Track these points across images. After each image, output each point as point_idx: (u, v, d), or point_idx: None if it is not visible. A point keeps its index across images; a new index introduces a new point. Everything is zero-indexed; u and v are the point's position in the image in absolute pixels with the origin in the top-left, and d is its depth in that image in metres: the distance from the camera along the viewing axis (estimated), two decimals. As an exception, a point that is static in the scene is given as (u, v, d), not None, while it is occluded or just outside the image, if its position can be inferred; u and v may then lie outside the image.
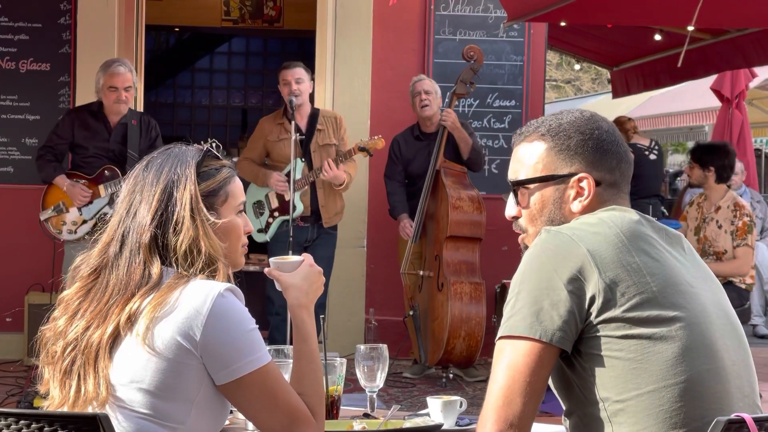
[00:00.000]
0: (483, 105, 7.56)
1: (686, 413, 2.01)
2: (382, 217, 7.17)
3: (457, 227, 6.44)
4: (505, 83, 7.57)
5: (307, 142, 6.42)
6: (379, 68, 7.58)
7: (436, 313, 6.53)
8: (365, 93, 7.54)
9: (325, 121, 6.56)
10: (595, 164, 2.18)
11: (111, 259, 2.18)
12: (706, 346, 2.06)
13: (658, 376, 2.01)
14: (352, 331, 7.29)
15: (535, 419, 2.07)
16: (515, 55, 7.58)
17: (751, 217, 6.44)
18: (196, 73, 12.69)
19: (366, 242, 7.57)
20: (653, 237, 2.13)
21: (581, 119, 2.21)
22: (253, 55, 12.66)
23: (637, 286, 2.03)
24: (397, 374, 6.80)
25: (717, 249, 6.48)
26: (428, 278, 6.65)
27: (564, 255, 2.05)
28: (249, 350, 2.12)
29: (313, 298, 2.34)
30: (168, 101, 12.56)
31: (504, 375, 2.04)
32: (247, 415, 2.19)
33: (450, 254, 6.47)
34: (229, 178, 2.26)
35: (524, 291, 2.05)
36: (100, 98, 6.20)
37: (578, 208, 2.18)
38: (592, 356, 2.04)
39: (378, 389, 2.72)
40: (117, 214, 2.22)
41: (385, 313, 7.41)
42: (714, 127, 11.99)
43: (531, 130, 2.24)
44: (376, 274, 7.53)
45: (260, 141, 6.60)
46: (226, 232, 2.22)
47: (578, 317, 2.03)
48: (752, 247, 6.40)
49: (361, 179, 7.42)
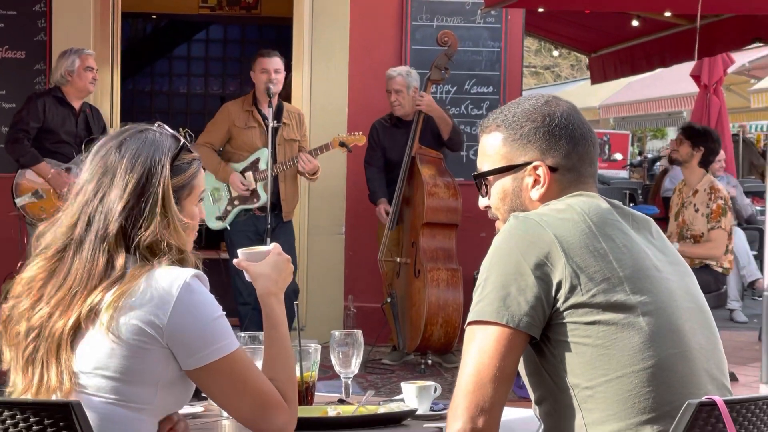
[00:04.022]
0: (460, 91, 7.56)
1: (655, 398, 2.02)
2: (361, 204, 7.17)
3: (433, 214, 6.45)
4: (483, 69, 7.58)
5: (274, 134, 6.41)
6: (356, 55, 7.57)
7: (413, 300, 6.54)
8: (343, 80, 7.53)
9: (289, 116, 6.56)
10: (548, 151, 2.19)
11: (76, 240, 2.15)
12: (673, 331, 2.07)
13: (625, 361, 2.02)
14: (331, 318, 7.29)
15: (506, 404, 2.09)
16: (493, 42, 7.58)
17: (726, 201, 6.49)
18: (174, 61, 12.64)
19: (344, 229, 7.57)
20: (621, 223, 2.15)
21: (534, 106, 2.22)
22: (231, 43, 12.63)
23: (604, 272, 2.04)
24: (376, 361, 6.81)
25: (694, 232, 6.53)
26: (405, 265, 6.66)
27: (531, 241, 2.06)
28: (216, 337, 2.12)
29: (283, 286, 2.35)
30: (145, 89, 12.52)
31: (474, 361, 2.05)
32: (218, 401, 2.19)
33: (426, 241, 6.48)
34: (197, 172, 2.25)
35: (492, 276, 2.06)
36: (63, 84, 6.33)
37: (537, 195, 2.19)
38: (561, 342, 2.05)
39: (353, 375, 2.73)
40: (84, 192, 2.17)
41: (364, 300, 7.41)
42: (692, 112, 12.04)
43: (490, 122, 2.25)
44: (355, 261, 7.54)
45: (224, 125, 6.53)
46: (185, 224, 2.21)
47: (545, 303, 2.04)
48: (726, 230, 6.44)
49: (339, 167, 7.43)
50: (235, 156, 6.51)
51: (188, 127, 7.11)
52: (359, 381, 6.21)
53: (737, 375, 6.42)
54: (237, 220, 6.49)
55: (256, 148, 6.44)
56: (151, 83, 12.57)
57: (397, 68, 6.85)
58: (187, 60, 12.65)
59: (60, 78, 6.36)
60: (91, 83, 6.44)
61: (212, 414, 2.50)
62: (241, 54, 12.43)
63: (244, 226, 6.43)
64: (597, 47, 10.56)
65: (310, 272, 7.47)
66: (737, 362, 6.90)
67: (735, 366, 6.65)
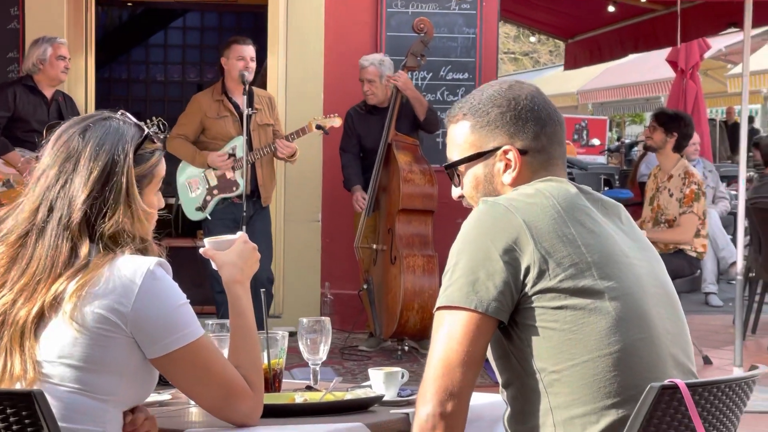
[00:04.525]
0: (436, 78, 7.56)
1: (620, 382, 2.03)
2: (337, 191, 7.16)
3: (409, 200, 6.45)
4: (458, 56, 7.57)
5: (247, 121, 6.39)
6: (331, 42, 7.55)
7: (389, 287, 6.55)
8: (318, 67, 7.53)
9: (260, 101, 6.54)
10: (517, 134, 2.19)
11: (38, 226, 2.13)
12: (640, 316, 2.08)
13: (592, 346, 2.03)
14: (307, 306, 7.29)
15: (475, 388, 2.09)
16: (468, 28, 7.58)
17: (699, 186, 6.51)
18: (151, 49, 12.56)
19: (321, 216, 7.57)
20: (590, 208, 2.15)
21: (499, 92, 2.22)
22: (208, 30, 12.57)
23: (572, 257, 2.05)
24: (353, 347, 6.82)
25: (668, 217, 6.56)
26: (382, 252, 6.66)
27: (500, 226, 2.06)
28: (180, 325, 2.12)
29: (249, 274, 2.36)
30: (122, 77, 12.45)
31: (443, 346, 2.05)
32: (183, 389, 2.19)
33: (402, 227, 6.48)
34: (158, 161, 2.24)
35: (461, 261, 2.07)
36: (34, 72, 6.32)
37: (509, 180, 2.19)
38: (528, 327, 2.05)
39: (321, 362, 2.73)
40: (45, 176, 2.16)
41: (341, 287, 7.42)
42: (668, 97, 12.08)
43: (456, 111, 2.25)
44: (332, 248, 7.54)
45: (197, 117, 6.51)
46: (147, 213, 2.21)
47: (514, 288, 2.04)
48: (698, 215, 6.47)
49: (315, 154, 7.42)
50: (210, 146, 6.49)
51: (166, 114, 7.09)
52: (336, 368, 6.22)
53: (711, 358, 6.46)
54: (215, 208, 6.47)
55: (231, 137, 6.42)
56: (128, 71, 12.49)
57: (369, 57, 6.82)
58: (164, 48, 12.58)
59: (32, 66, 6.35)
60: (63, 72, 6.43)
61: (180, 402, 2.50)
62: (218, 41, 12.35)
63: (222, 215, 6.42)
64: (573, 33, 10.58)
65: (286, 260, 7.46)
66: (712, 346, 6.94)
67: (710, 349, 6.70)
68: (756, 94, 16.06)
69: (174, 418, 2.39)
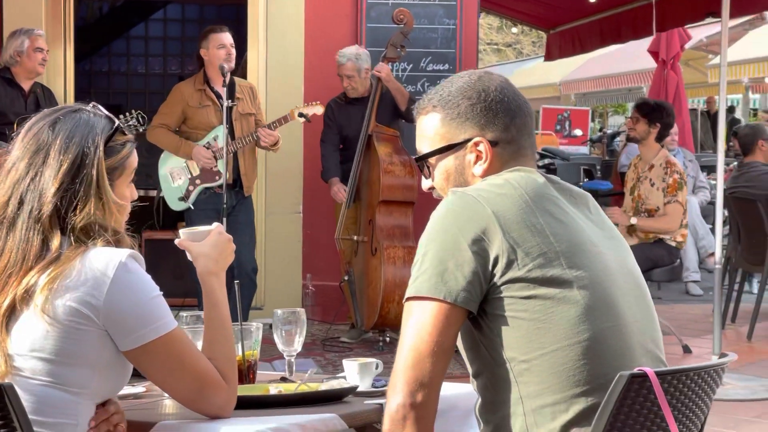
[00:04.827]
0: (416, 69, 7.56)
1: (589, 371, 2.04)
2: (318, 182, 7.16)
3: (389, 191, 6.45)
4: (438, 47, 7.58)
5: (229, 111, 6.38)
6: (311, 34, 7.55)
7: (370, 278, 6.56)
8: (298, 59, 7.52)
9: (242, 91, 6.53)
10: (487, 126, 2.19)
11: (8, 219, 2.13)
12: (608, 305, 2.09)
13: (561, 335, 2.04)
14: (289, 297, 7.29)
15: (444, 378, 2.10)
16: (448, 19, 7.58)
17: (681, 174, 6.54)
18: (132, 41, 12.52)
19: (302, 208, 7.57)
20: (558, 198, 2.16)
21: (468, 83, 2.22)
22: (189, 22, 12.52)
23: (540, 247, 2.06)
24: (335, 339, 6.82)
25: (649, 207, 6.58)
26: (363, 243, 6.67)
27: (469, 216, 2.07)
28: (153, 317, 2.12)
29: (224, 266, 2.36)
30: (103, 69, 12.40)
31: (412, 336, 2.06)
32: (156, 381, 2.19)
33: (383, 219, 6.48)
34: (130, 153, 2.24)
35: (430, 252, 2.07)
36: (12, 65, 6.32)
37: (480, 171, 2.20)
38: (497, 317, 2.06)
39: (296, 353, 2.74)
40: (15, 169, 2.15)
41: (323, 279, 7.43)
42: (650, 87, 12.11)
43: (425, 102, 2.26)
44: (313, 239, 7.54)
45: (178, 107, 6.50)
46: (120, 205, 2.21)
47: (482, 278, 2.05)
48: (682, 204, 6.50)
49: (295, 146, 7.42)
50: (192, 136, 6.48)
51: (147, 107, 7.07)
52: (317, 359, 6.23)
53: (691, 347, 6.49)
54: (198, 198, 6.46)
55: (212, 127, 6.41)
56: (109, 63, 12.45)
57: (345, 52, 6.77)
58: (145, 40, 12.54)
59: (9, 59, 6.33)
60: (41, 64, 6.42)
61: (154, 394, 2.50)
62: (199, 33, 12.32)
63: (204, 205, 6.40)
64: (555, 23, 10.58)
65: (268, 251, 7.46)
66: (692, 334, 6.97)
67: (689, 338, 6.73)
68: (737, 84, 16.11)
69: (148, 410, 2.39)
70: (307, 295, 7.50)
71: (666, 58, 11.09)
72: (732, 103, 19.81)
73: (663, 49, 11.08)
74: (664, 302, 8.36)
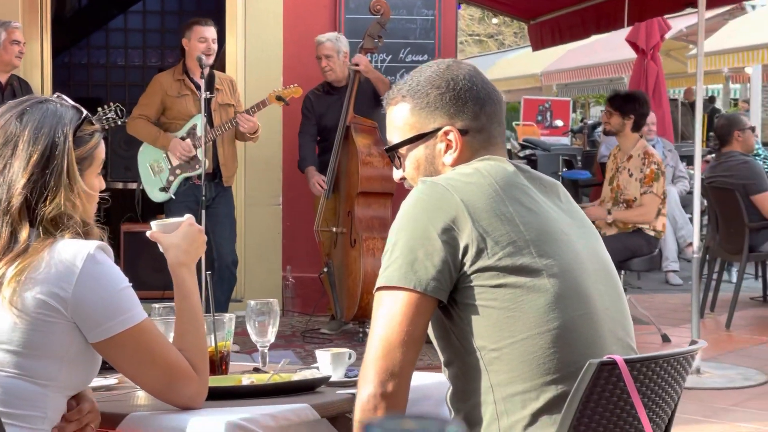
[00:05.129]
0: (395, 60, 7.55)
1: (559, 359, 2.05)
2: (297, 174, 7.15)
3: (367, 183, 6.45)
4: (417, 38, 7.57)
5: (208, 101, 6.37)
6: (290, 24, 7.53)
7: (349, 269, 6.55)
8: (277, 49, 7.50)
9: (221, 82, 6.52)
10: (457, 114, 2.19)
11: None
12: (579, 293, 2.09)
13: (531, 323, 2.04)
14: (269, 289, 7.28)
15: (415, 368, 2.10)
16: (426, 10, 7.57)
17: (659, 165, 6.56)
18: (111, 33, 12.45)
19: (281, 200, 7.56)
20: (528, 186, 2.16)
21: (437, 72, 2.22)
22: (168, 14, 12.47)
23: (510, 236, 2.06)
24: (315, 330, 6.82)
25: (627, 197, 6.60)
26: (342, 234, 6.66)
27: (438, 205, 2.07)
28: (122, 308, 2.11)
29: (195, 257, 2.35)
30: (82, 62, 12.33)
31: (383, 326, 2.06)
32: (126, 373, 2.19)
33: (362, 210, 6.48)
34: (98, 143, 2.23)
35: (400, 241, 2.07)
36: None
37: (450, 160, 2.20)
38: (468, 306, 2.06)
39: (269, 344, 2.73)
40: None
41: (303, 270, 7.42)
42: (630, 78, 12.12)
43: (395, 93, 2.25)
44: (293, 231, 7.53)
45: (158, 97, 6.48)
46: (89, 196, 2.20)
47: (452, 267, 2.05)
48: (658, 195, 6.52)
49: (275, 136, 7.40)
50: (171, 126, 6.46)
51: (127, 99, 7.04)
52: (297, 351, 6.22)
53: (670, 336, 6.52)
54: (178, 190, 6.44)
55: (191, 116, 6.40)
56: (88, 56, 12.37)
57: (325, 34, 6.83)
58: (125, 32, 12.48)
59: None
60: (18, 57, 6.40)
61: (126, 386, 2.49)
62: (178, 25, 12.27)
63: (184, 197, 6.38)
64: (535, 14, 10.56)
65: (247, 243, 7.45)
66: (671, 324, 7.00)
67: (669, 327, 6.76)
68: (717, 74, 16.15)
69: (119, 402, 2.38)
70: (287, 287, 7.50)
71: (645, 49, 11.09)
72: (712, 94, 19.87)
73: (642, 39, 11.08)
74: (643, 292, 8.39)
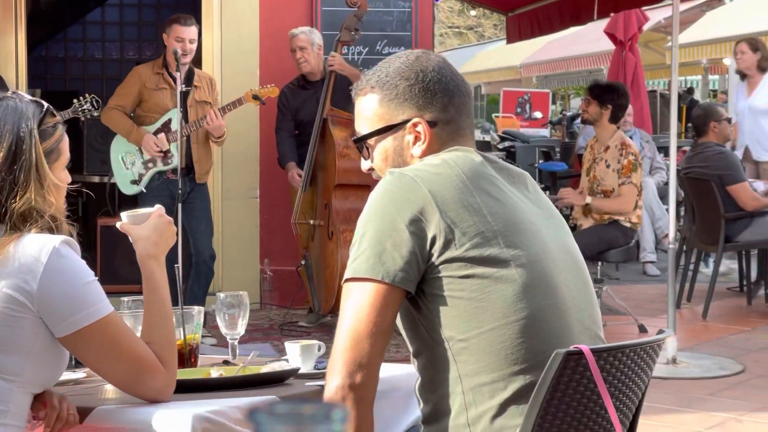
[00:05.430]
0: (372, 52, 7.54)
1: (527, 348, 2.05)
2: (274, 167, 7.14)
3: (345, 175, 6.44)
4: (394, 30, 7.56)
5: (185, 96, 6.34)
6: (267, 17, 7.51)
7: (327, 262, 6.55)
8: (253, 42, 7.48)
9: (200, 79, 6.50)
10: (426, 106, 2.19)
11: None
12: (546, 283, 2.09)
13: (499, 314, 2.05)
14: (247, 282, 7.27)
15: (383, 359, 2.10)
16: (403, 2, 7.56)
17: (636, 156, 6.58)
18: (88, 26, 12.40)
19: (259, 193, 7.54)
20: (495, 177, 2.16)
21: (406, 64, 2.22)
22: (145, 7, 12.42)
23: (478, 226, 2.06)
24: (293, 323, 6.81)
25: (605, 188, 6.61)
26: (319, 227, 6.65)
27: (406, 196, 2.07)
28: (87, 302, 2.10)
29: (164, 249, 2.34)
30: (59, 55, 12.27)
31: (351, 317, 2.06)
32: (92, 367, 2.18)
33: (339, 203, 6.47)
34: (62, 135, 2.23)
35: (368, 233, 2.07)
36: None
37: (419, 152, 2.20)
38: (436, 296, 2.06)
39: (239, 336, 2.73)
40: None
41: (281, 263, 7.41)
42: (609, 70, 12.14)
43: (364, 84, 2.25)
44: (270, 224, 7.52)
45: (135, 88, 6.45)
46: (58, 189, 2.20)
47: (420, 258, 2.05)
48: (637, 185, 6.54)
49: (252, 130, 7.38)
50: (147, 119, 6.44)
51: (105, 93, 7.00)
52: (275, 344, 6.21)
53: (647, 327, 6.54)
54: (151, 185, 6.41)
55: (167, 110, 6.38)
56: (65, 49, 12.32)
57: (299, 28, 6.83)
58: (102, 25, 12.43)
59: None
60: None
61: (94, 380, 2.48)
62: (156, 19, 12.24)
63: (158, 191, 6.36)
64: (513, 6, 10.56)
65: (225, 237, 7.44)
66: (648, 314, 7.03)
67: (646, 318, 6.78)
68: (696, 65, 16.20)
69: (87, 396, 2.37)
70: (265, 280, 7.49)
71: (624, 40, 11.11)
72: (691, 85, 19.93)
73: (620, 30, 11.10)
74: (621, 283, 8.42)
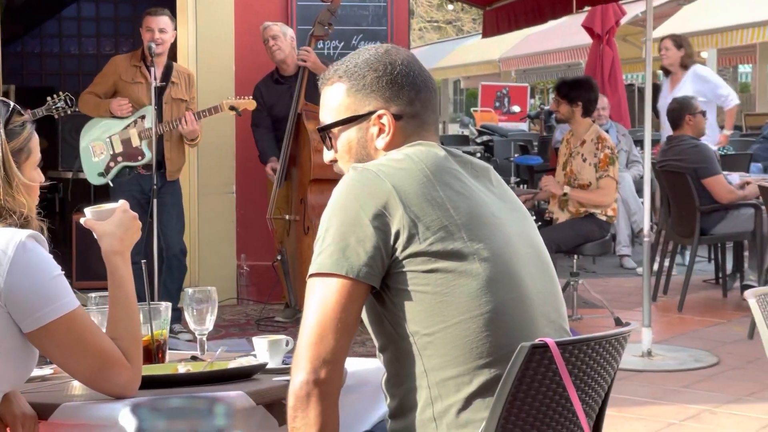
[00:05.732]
0: (348, 47, 7.52)
1: (492, 342, 2.05)
2: (251, 162, 7.13)
3: (320, 170, 6.41)
4: (370, 24, 7.55)
5: (161, 92, 6.32)
6: (242, 12, 7.48)
7: (303, 257, 6.53)
8: (229, 37, 7.46)
9: (179, 76, 6.47)
10: (392, 99, 2.19)
11: None
12: (510, 276, 2.09)
13: (463, 308, 2.05)
14: (223, 278, 7.27)
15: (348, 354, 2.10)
16: (378, -4, 7.55)
17: (612, 150, 6.61)
18: (64, 21, 12.36)
19: (235, 188, 7.53)
20: (459, 171, 2.16)
21: (375, 56, 2.22)
22: (122, 2, 12.39)
23: (441, 220, 2.06)
24: (269, 319, 6.81)
25: (582, 182, 6.63)
26: (295, 222, 6.65)
27: (369, 191, 2.07)
28: (54, 296, 2.10)
29: (129, 244, 2.33)
30: (35, 51, 12.23)
31: (315, 313, 2.06)
32: (57, 361, 2.18)
33: (315, 197, 6.45)
34: (31, 134, 2.22)
35: (332, 228, 2.08)
36: None
37: (382, 144, 2.20)
38: (400, 291, 2.07)
39: (207, 332, 2.72)
40: None
41: (257, 259, 7.40)
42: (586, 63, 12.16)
43: (331, 73, 2.25)
44: (246, 219, 7.50)
45: (111, 78, 6.43)
46: (29, 189, 2.19)
47: (384, 252, 2.05)
48: (615, 178, 6.57)
49: (227, 126, 7.36)
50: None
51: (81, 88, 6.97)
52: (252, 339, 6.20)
53: (623, 320, 6.56)
54: (121, 179, 6.37)
55: (142, 105, 6.35)
56: (41, 45, 12.28)
57: (269, 22, 6.84)
58: (78, 20, 12.39)
59: None
60: None
61: (62, 376, 2.47)
62: (133, 14, 12.20)
63: (129, 186, 6.32)
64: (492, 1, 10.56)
65: (201, 232, 7.42)
66: (624, 307, 7.05)
67: (622, 311, 6.81)
68: (673, 58, 16.21)
69: (53, 392, 2.36)
70: (242, 275, 7.47)
71: (601, 34, 11.13)
72: (669, 78, 19.96)
73: (597, 24, 11.12)
74: (598, 276, 8.44)
